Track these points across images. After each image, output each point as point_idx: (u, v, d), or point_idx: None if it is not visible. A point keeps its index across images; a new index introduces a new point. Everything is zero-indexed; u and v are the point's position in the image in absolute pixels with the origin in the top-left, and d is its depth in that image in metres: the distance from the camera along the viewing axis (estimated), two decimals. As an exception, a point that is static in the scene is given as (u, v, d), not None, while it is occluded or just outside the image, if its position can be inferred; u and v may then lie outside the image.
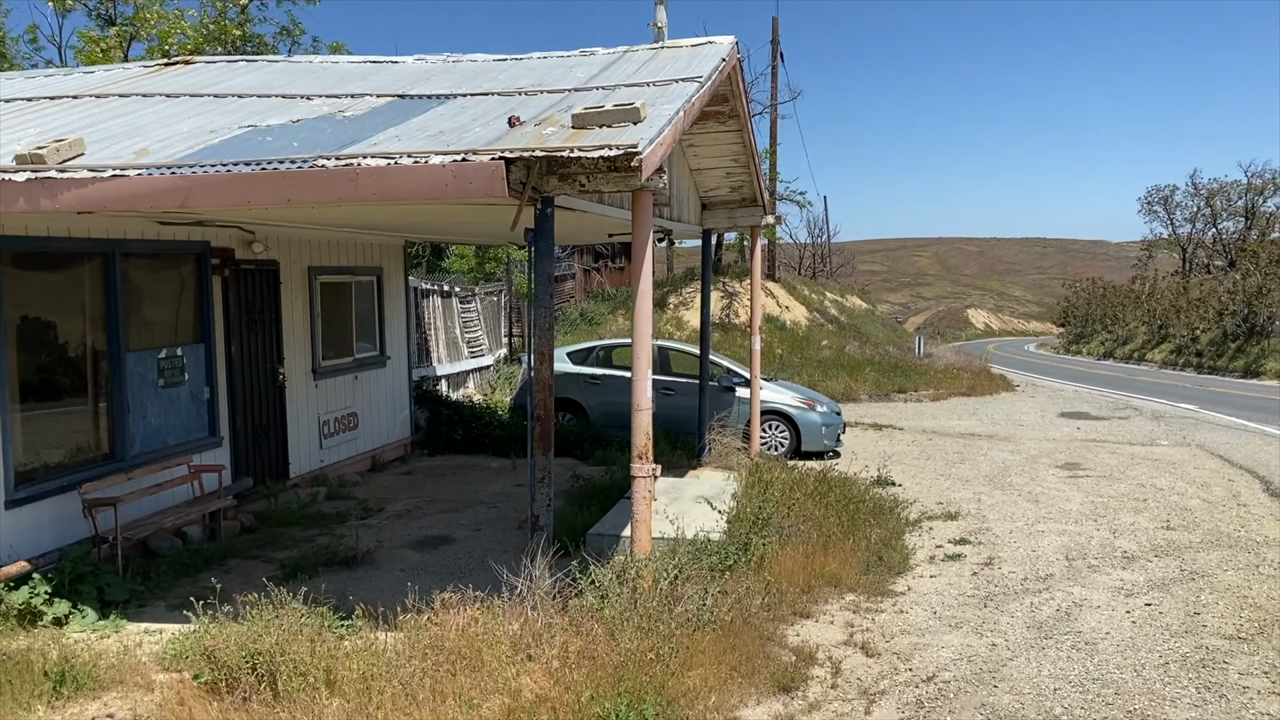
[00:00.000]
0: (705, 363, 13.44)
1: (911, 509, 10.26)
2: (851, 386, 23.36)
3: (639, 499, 6.47)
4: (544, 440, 6.54)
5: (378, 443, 13.03)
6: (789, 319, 32.13)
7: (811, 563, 7.75)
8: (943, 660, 6.01)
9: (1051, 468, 13.11)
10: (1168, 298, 58.00)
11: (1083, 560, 8.31)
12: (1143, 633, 6.43)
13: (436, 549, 8.96)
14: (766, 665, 5.83)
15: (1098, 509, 10.40)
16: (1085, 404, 22.65)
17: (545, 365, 6.54)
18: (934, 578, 7.88)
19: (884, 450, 14.54)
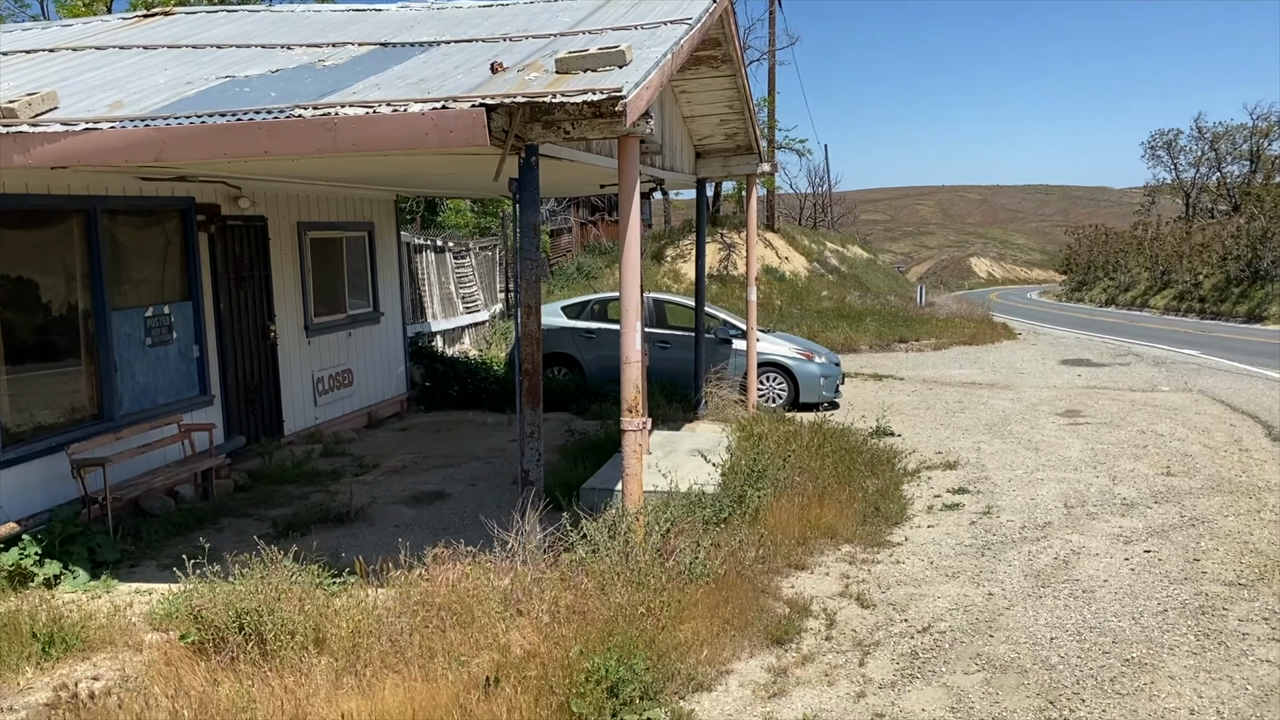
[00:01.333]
0: (701, 315, 13.31)
1: (910, 459, 10.18)
2: (852, 337, 23.23)
3: (629, 453, 6.38)
4: (532, 395, 6.44)
5: (373, 399, 12.95)
6: (788, 270, 31.91)
7: (807, 514, 7.68)
8: (939, 610, 5.95)
9: (1052, 415, 13.02)
10: (1170, 243, 57.60)
11: (1082, 508, 8.24)
12: (1141, 580, 6.36)
13: (431, 504, 8.90)
14: (760, 618, 5.77)
15: (1098, 456, 10.32)
16: (1087, 351, 22.53)
17: (532, 319, 6.42)
18: (931, 528, 7.82)
19: (883, 400, 14.45)
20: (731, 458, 8.68)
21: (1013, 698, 4.71)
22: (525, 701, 4.55)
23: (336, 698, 4.68)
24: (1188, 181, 69.32)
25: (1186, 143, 68.26)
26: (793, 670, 5.14)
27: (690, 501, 7.85)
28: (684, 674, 4.95)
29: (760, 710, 4.69)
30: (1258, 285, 42.45)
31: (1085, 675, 4.90)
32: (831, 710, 4.68)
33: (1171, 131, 69.39)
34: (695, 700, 4.80)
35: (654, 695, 4.75)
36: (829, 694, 4.85)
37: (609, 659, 4.74)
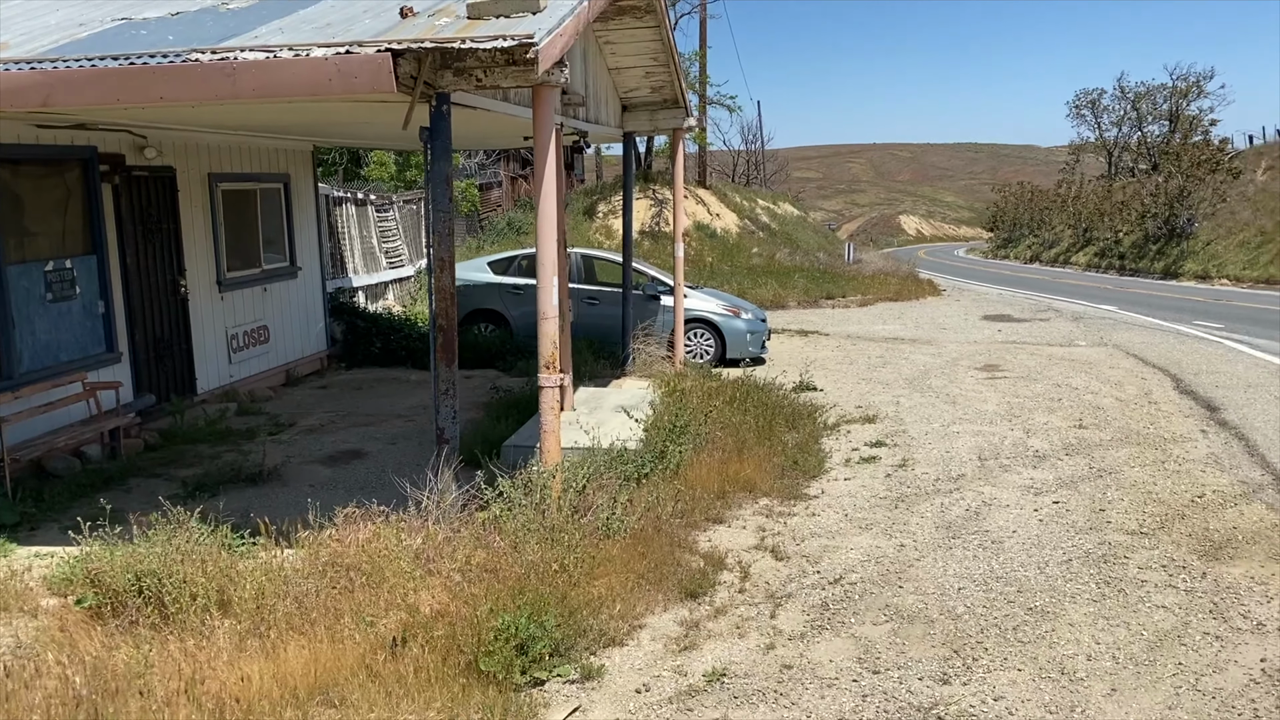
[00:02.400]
0: (629, 270, 13.21)
1: (831, 413, 10.28)
2: (781, 294, 23.35)
3: (546, 410, 6.31)
4: (446, 351, 6.32)
5: (291, 357, 12.67)
6: (720, 226, 31.92)
7: (727, 469, 7.71)
8: (851, 562, 6.02)
9: (971, 370, 13.24)
10: (1092, 201, 58.82)
11: (995, 460, 8.40)
12: (1049, 530, 6.50)
13: (348, 464, 8.76)
14: (676, 572, 5.78)
15: (1013, 409, 10.52)
16: (1008, 307, 22.96)
17: (445, 273, 6.29)
18: (848, 480, 7.90)
19: (808, 356, 14.56)
20: (655, 414, 8.67)
21: (918, 647, 4.79)
22: (432, 661, 4.50)
23: (239, 660, 4.58)
24: (1110, 140, 70.68)
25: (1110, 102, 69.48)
26: (705, 623, 5.16)
27: (612, 458, 7.82)
28: (596, 629, 4.94)
29: (670, 664, 4.70)
30: (1174, 243, 43.65)
31: (989, 624, 5.00)
32: (741, 662, 4.71)
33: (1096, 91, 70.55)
34: (606, 655, 4.79)
35: (565, 652, 4.73)
36: (739, 646, 4.88)
37: (519, 616, 4.70)
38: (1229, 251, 38.48)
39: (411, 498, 6.11)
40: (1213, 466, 8.03)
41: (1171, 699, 4.19)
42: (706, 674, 4.57)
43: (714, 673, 4.57)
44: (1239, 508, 6.89)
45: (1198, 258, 40.24)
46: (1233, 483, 7.54)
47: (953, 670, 4.51)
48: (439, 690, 4.33)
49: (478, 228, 27.56)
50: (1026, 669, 4.50)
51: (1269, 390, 11.21)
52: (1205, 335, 16.55)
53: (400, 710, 4.24)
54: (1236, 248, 38.29)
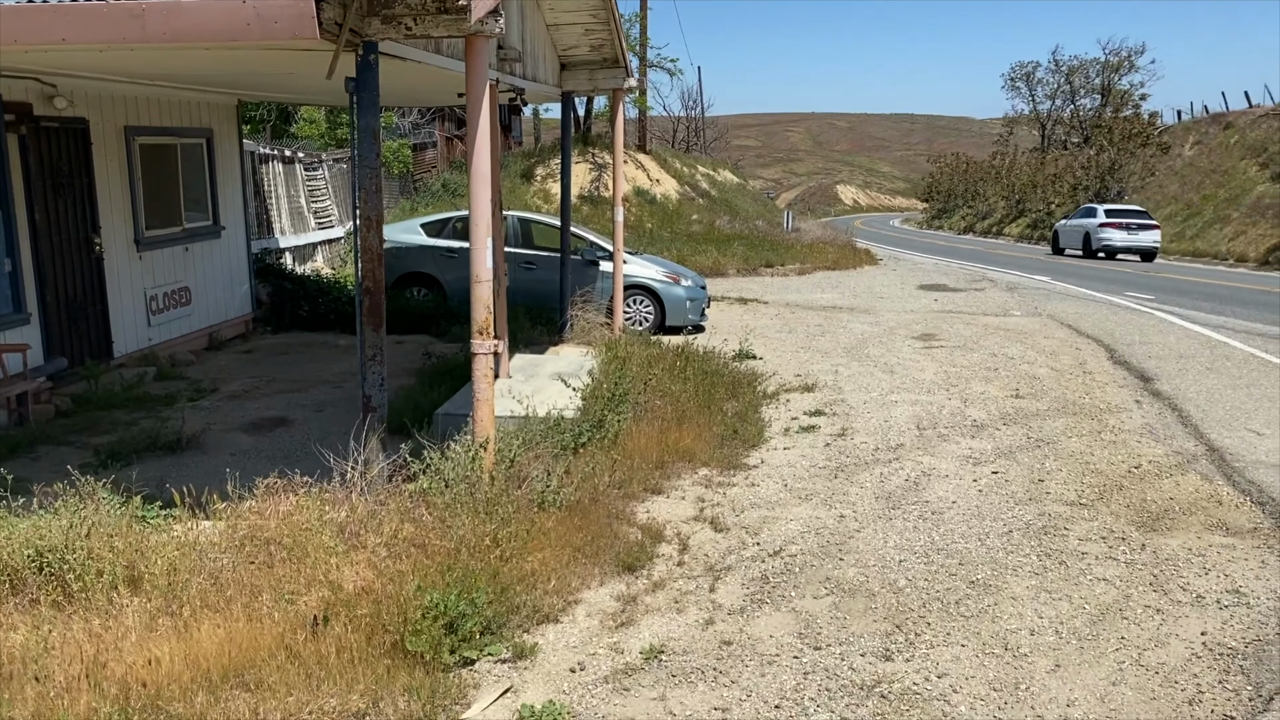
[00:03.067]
0: (566, 235, 12.94)
1: (770, 382, 10.17)
2: (720, 261, 23.23)
3: (479, 377, 6.06)
4: (373, 315, 6.03)
5: (215, 319, 12.20)
6: (659, 192, 31.65)
7: (666, 438, 7.55)
8: (791, 533, 5.91)
9: (908, 339, 13.25)
10: (1025, 173, 59.69)
11: (933, 430, 8.35)
12: (988, 501, 6.46)
13: (272, 431, 8.42)
14: (613, 545, 5.61)
15: (950, 379, 10.52)
16: (944, 277, 23.12)
17: (372, 233, 5.98)
18: (788, 450, 7.79)
19: (748, 324, 14.46)
20: (593, 382, 8.46)
21: (860, 622, 4.68)
22: (356, 641, 4.27)
23: (148, 641, 4.31)
24: (1044, 113, 71.70)
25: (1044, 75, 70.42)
26: (642, 598, 5.00)
27: (548, 427, 7.61)
28: (530, 606, 4.75)
29: (606, 641, 4.53)
30: (1104, 215, 44.40)
31: (931, 598, 4.91)
32: (679, 639, 4.55)
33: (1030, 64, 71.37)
34: (540, 633, 4.61)
35: (496, 630, 4.54)
36: (677, 621, 4.73)
37: (448, 593, 4.49)
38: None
39: (336, 469, 5.84)
40: (1148, 437, 8.07)
41: (1115, 674, 4.13)
42: (644, 651, 4.41)
43: (651, 650, 4.42)
44: (1175, 478, 6.92)
45: (1126, 231, 40.99)
46: (1168, 453, 7.58)
47: (895, 646, 4.41)
48: (362, 671, 4.11)
49: (411, 189, 26.94)
50: (970, 644, 4.42)
51: (1199, 360, 11.37)
52: (1137, 306, 16.80)
53: (321, 693, 4.02)
54: (1164, 221, 39.06)
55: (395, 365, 11.11)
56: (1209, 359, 11.49)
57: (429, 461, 5.82)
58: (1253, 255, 30.12)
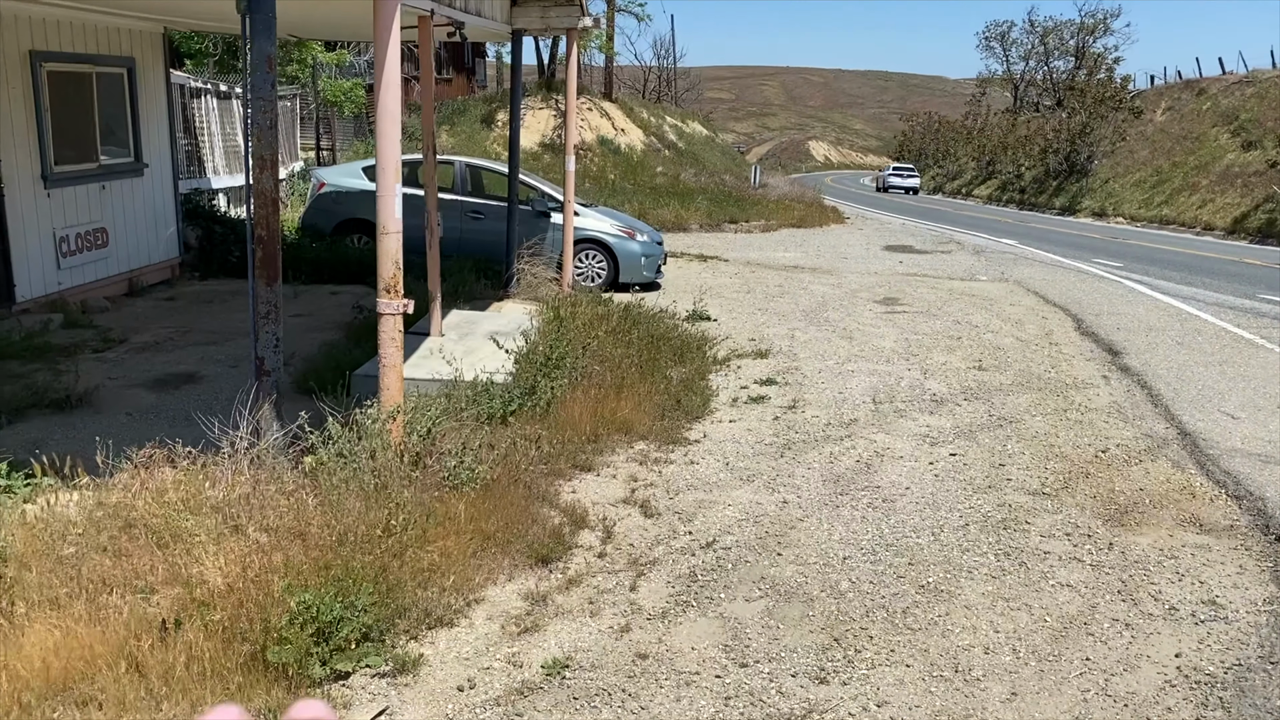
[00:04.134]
0: (514, 183, 12.22)
1: (722, 346, 9.60)
2: (682, 215, 22.56)
3: (385, 340, 5.43)
4: (267, 267, 5.37)
5: (136, 264, 11.41)
6: (624, 142, 30.80)
7: (603, 408, 6.97)
8: (727, 521, 5.36)
9: (870, 303, 12.72)
10: (997, 135, 59.21)
11: (890, 404, 7.83)
12: (945, 488, 5.94)
13: (178, 389, 7.75)
14: (529, 531, 5.04)
15: (911, 347, 10.00)
16: (911, 238, 22.61)
17: (266, 174, 5.30)
18: (733, 423, 7.24)
19: (705, 283, 13.86)
20: (530, 343, 7.84)
21: (794, 632, 4.15)
22: (210, 649, 3.68)
23: (-37, 646, 3.69)
24: (1017, 74, 71.07)
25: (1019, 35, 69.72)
26: (554, 597, 4.44)
27: (475, 393, 7.02)
28: (421, 608, 4.17)
29: (505, 651, 3.97)
30: (1074, 179, 44.15)
31: (876, 605, 4.39)
32: (589, 649, 4.00)
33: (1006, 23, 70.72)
34: (430, 640, 4.04)
35: (378, 637, 3.96)
36: (590, 628, 4.18)
37: (322, 594, 3.90)
38: (1126, 190, 39.00)
39: (227, 439, 5.21)
40: (1116, 417, 7.60)
41: (1079, 705, 3.63)
42: (546, 665, 3.85)
43: (555, 664, 3.86)
44: (1144, 465, 6.45)
45: (1095, 195, 40.76)
46: (1137, 436, 7.11)
47: (831, 665, 3.88)
48: (212, 687, 3.53)
49: (366, 131, 25.94)
50: (916, 664, 3.90)
51: (1169, 334, 10.93)
52: (1105, 274, 16.37)
53: (160, 713, 3.43)
54: (1133, 187, 38.82)
55: (325, 319, 10.44)
56: (1179, 333, 11.06)
57: (327, 432, 5.20)
58: (1220, 224, 29.86)
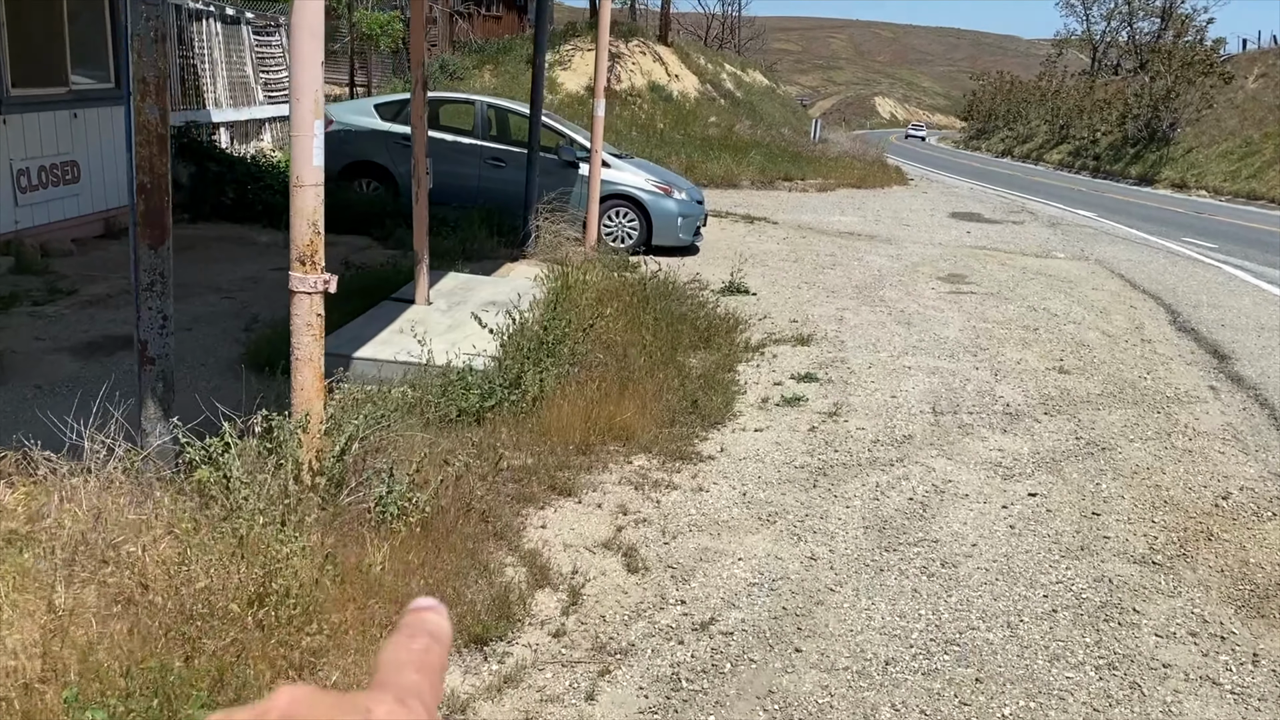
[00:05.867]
0: (536, 126, 10.88)
1: (757, 328, 8.26)
2: (734, 171, 21.04)
3: (300, 328, 4.17)
4: (151, 224, 4.14)
5: (114, 202, 10.27)
6: (677, 89, 29.15)
7: (600, 409, 5.68)
8: (734, 586, 4.08)
9: (933, 279, 11.25)
10: (1073, 97, 56.37)
11: (953, 415, 6.45)
12: (1023, 546, 4.58)
13: (110, 355, 6.60)
14: (470, 591, 3.80)
15: (980, 338, 8.57)
16: (979, 204, 20.89)
17: (149, 102, 4.04)
18: (759, 432, 5.93)
19: (749, 248, 12.45)
20: (517, 322, 6.54)
21: (808, 797, 2.87)
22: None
23: None
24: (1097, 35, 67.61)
25: (1103, -7, 66.12)
26: (477, 708, 3.20)
27: (446, 382, 5.79)
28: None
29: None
30: (1153, 147, 41.62)
31: (929, 755, 3.09)
32: (507, 810, 2.76)
33: (1090, -20, 67.08)
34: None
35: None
36: (517, 768, 2.93)
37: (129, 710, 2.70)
38: (1210, 161, 36.54)
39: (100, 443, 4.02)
40: (1233, 446, 6.15)
41: None
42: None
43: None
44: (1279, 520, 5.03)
45: (1176, 165, 38.33)
46: (1263, 474, 5.67)
47: None
48: None
49: (404, 69, 24.62)
50: None
51: (1284, 336, 9.36)
52: (1199, 256, 14.64)
53: None
54: (1219, 158, 36.36)
55: (312, 273, 9.25)
56: (1296, 333, 9.48)
57: (207, 448, 3.96)
58: (1316, 203, 27.59)
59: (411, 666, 0.40)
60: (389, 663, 0.39)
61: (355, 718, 0.33)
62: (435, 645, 0.41)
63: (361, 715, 0.33)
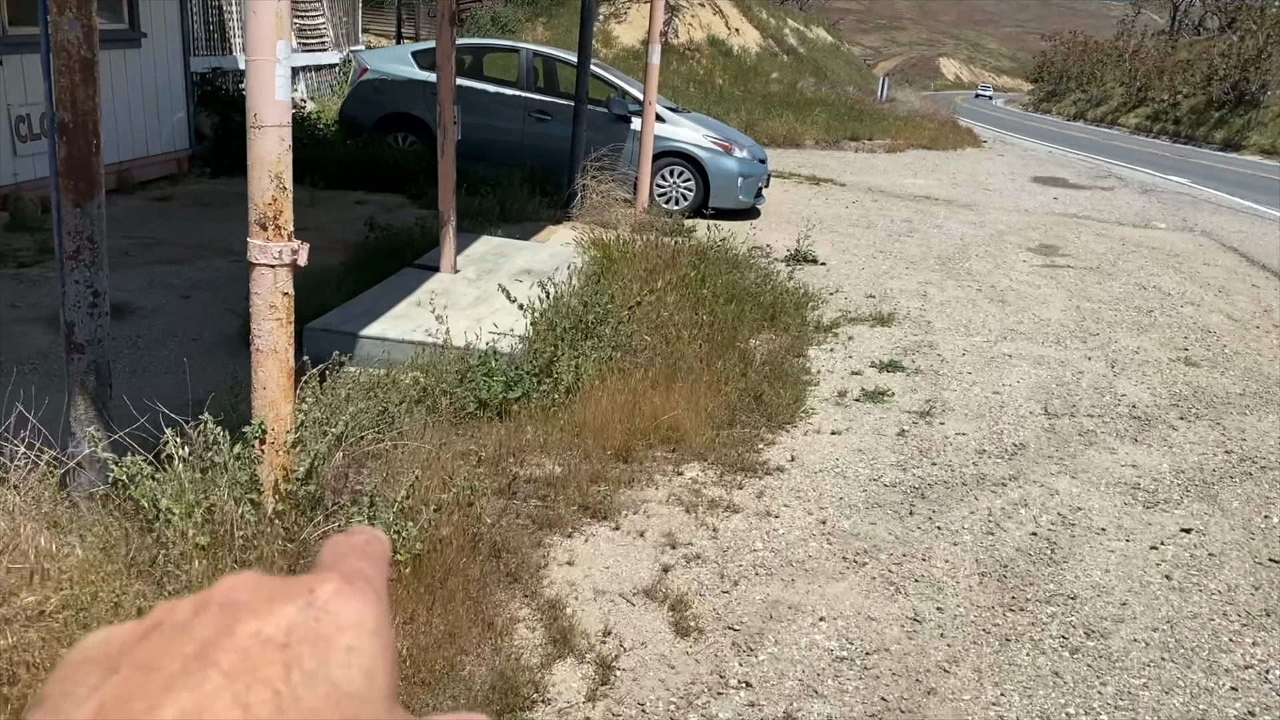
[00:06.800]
0: (584, 76, 9.86)
1: (829, 305, 7.23)
2: (796, 129, 19.81)
3: (261, 310, 3.24)
4: (76, 173, 3.25)
5: (126, 154, 9.48)
6: (737, 44, 27.83)
7: (644, 402, 4.73)
8: (816, 661, 3.11)
9: (1023, 250, 10.08)
10: (1152, 58, 53.79)
11: (1070, 418, 5.39)
12: (1189, 609, 3.55)
13: (90, 328, 5.78)
14: (466, 662, 2.89)
15: (1086, 320, 7.46)
16: (1061, 168, 19.46)
17: (70, 16, 3.15)
18: (837, 436, 4.93)
19: (815, 213, 11.36)
20: (558, 295, 5.59)
21: None
22: None
23: None
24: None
25: (1187, -52, 62.98)
26: None
27: (465, 368, 4.88)
28: None
29: None
30: (1240, 111, 39.36)
31: None
32: None
33: (1173, -66, 63.93)
34: None
35: None
36: None
37: None
38: (1303, 126, 34.42)
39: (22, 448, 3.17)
40: None
41: None
42: None
43: None
44: None
45: (1265, 130, 36.15)
46: None
47: None
48: None
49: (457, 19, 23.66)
50: None
51: None
52: (1313, 228, 13.24)
53: None
54: (1312, 124, 34.24)
55: (334, 235, 8.36)
56: None
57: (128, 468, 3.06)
58: None
59: (355, 554, 0.36)
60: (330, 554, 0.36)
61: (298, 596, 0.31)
62: (377, 541, 0.37)
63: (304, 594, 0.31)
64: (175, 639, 0.30)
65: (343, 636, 0.31)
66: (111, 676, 0.29)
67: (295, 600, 0.31)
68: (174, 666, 0.29)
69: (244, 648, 0.30)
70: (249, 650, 0.30)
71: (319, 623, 0.31)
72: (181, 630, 0.31)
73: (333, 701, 0.29)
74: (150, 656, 0.30)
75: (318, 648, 0.30)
